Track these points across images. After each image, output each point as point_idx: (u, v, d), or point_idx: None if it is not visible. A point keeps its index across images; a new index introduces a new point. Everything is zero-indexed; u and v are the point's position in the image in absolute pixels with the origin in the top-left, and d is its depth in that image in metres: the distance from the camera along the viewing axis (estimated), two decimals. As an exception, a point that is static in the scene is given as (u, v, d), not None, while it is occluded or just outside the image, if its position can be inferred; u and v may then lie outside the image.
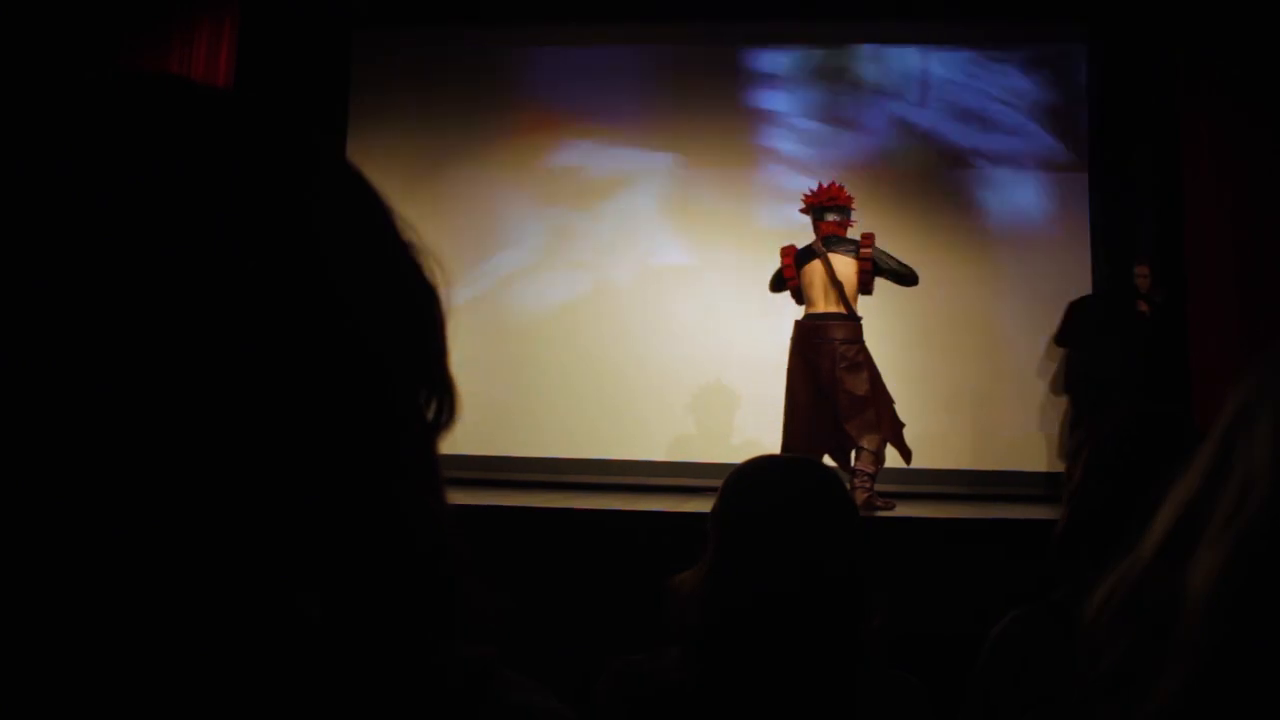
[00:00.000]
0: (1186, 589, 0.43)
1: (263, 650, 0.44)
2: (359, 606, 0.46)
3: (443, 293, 0.52)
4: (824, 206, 5.27)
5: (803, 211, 5.39)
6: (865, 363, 5.08)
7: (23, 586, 0.40)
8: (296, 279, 0.45)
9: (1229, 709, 0.41)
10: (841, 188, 5.34)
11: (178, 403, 0.41)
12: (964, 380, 6.68)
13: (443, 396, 0.52)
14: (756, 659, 1.42)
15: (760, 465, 1.59)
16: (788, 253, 5.32)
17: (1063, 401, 6.42)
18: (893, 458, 5.32)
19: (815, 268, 5.19)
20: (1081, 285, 6.49)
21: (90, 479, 0.40)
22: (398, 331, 0.49)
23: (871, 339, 5.25)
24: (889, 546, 4.01)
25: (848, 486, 4.50)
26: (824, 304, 5.15)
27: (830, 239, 5.21)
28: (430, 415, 0.51)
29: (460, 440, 0.59)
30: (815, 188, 5.38)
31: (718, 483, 1.58)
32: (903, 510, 4.81)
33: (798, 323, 5.26)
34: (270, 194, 0.46)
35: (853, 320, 5.14)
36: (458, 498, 0.52)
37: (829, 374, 5.02)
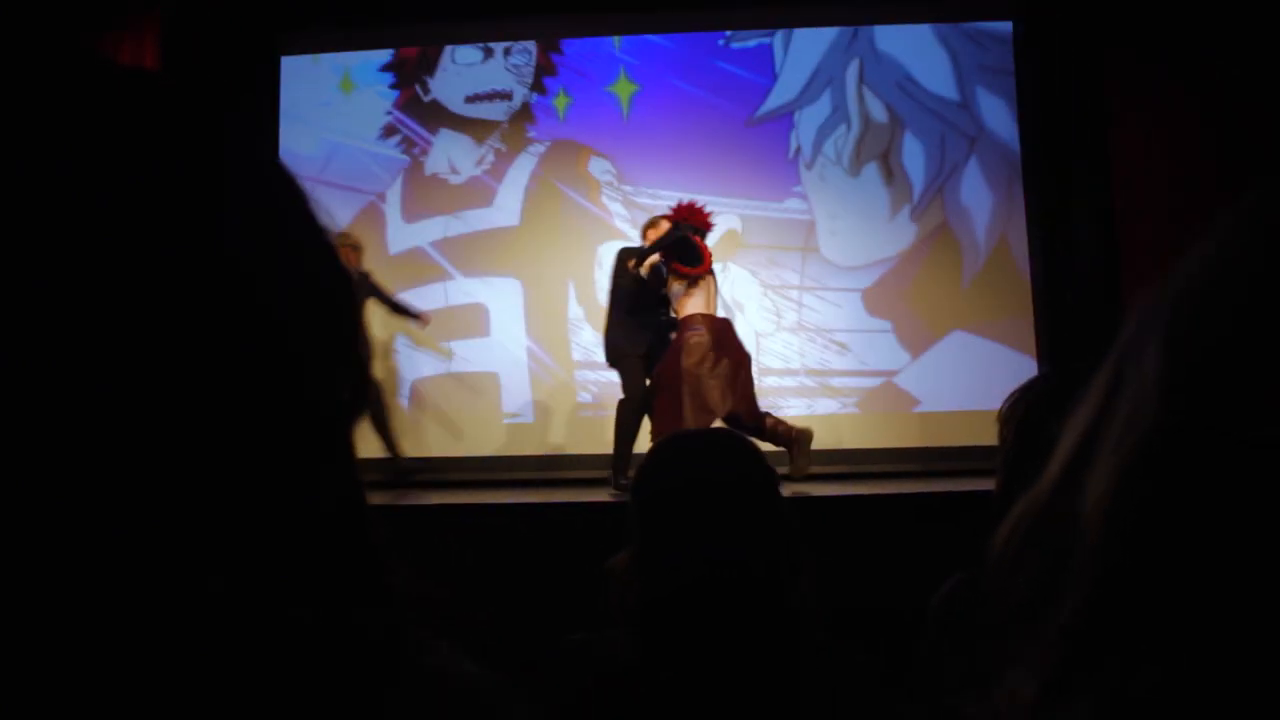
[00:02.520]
0: (1083, 507, 0.43)
1: (165, 627, 0.43)
2: (265, 581, 0.46)
3: (356, 278, 0.47)
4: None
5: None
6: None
7: None
8: (207, 262, 0.44)
9: (1127, 625, 0.40)
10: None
11: (82, 390, 0.41)
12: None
13: (357, 380, 0.52)
14: (691, 635, 1.36)
15: (675, 440, 1.54)
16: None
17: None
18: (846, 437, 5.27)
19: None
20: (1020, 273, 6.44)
21: None
22: (311, 316, 0.49)
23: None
24: (835, 525, 3.95)
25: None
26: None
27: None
28: (345, 398, 0.51)
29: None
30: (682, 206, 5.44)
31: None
32: (852, 488, 4.77)
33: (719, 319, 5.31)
34: (182, 174, 0.45)
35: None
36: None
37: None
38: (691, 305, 5.19)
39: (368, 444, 5.59)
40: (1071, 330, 5.89)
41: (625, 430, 5.28)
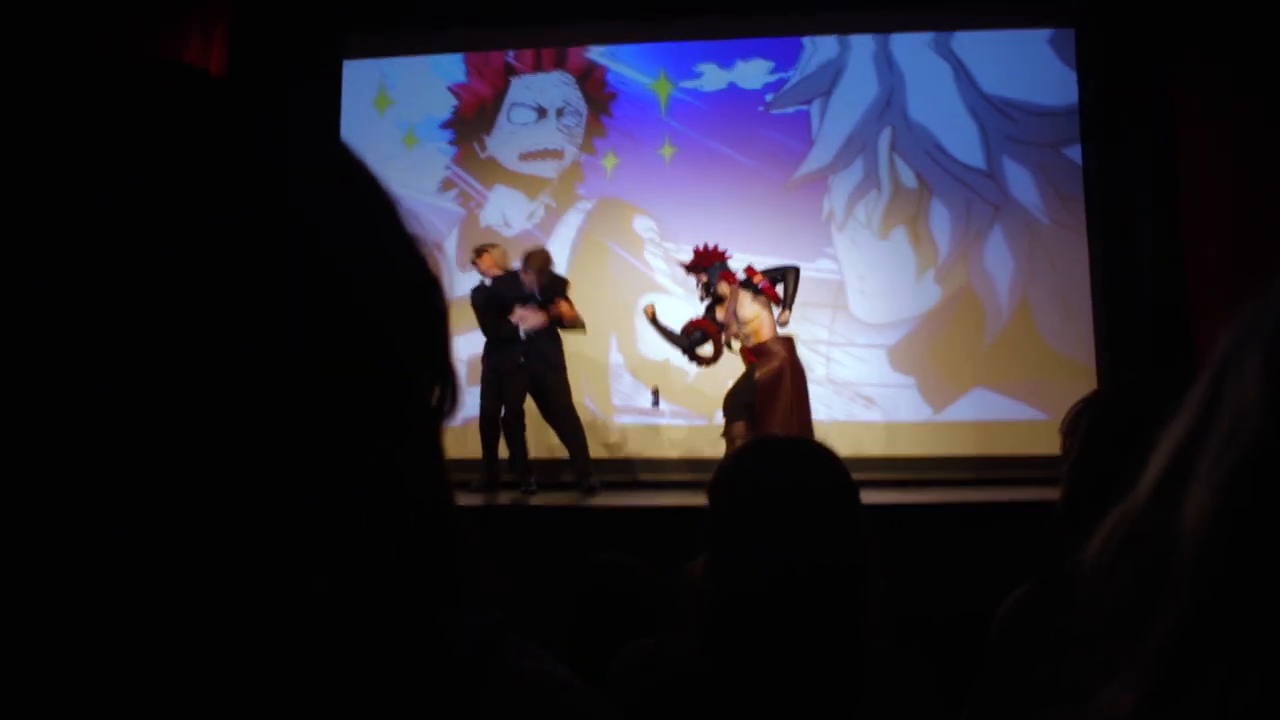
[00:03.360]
0: (1180, 526, 0.41)
1: (272, 629, 0.42)
2: (364, 582, 0.45)
3: (444, 283, 0.52)
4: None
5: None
6: None
7: (24, 570, 0.38)
8: (301, 271, 0.43)
9: (1223, 642, 0.39)
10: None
11: (182, 394, 0.40)
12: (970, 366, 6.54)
13: (445, 384, 0.51)
14: (761, 642, 1.33)
15: (755, 446, 1.49)
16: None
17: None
18: (882, 445, 5.24)
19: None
20: (1080, 270, 6.34)
21: (105, 470, 0.39)
22: (401, 321, 0.48)
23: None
24: (898, 533, 3.88)
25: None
26: None
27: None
28: (434, 402, 0.50)
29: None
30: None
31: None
32: (914, 496, 4.71)
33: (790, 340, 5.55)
34: (273, 184, 0.44)
35: None
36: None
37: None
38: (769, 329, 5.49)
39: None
40: (1135, 348, 5.74)
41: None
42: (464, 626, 0.49)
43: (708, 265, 5.56)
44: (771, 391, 5.27)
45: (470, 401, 5.74)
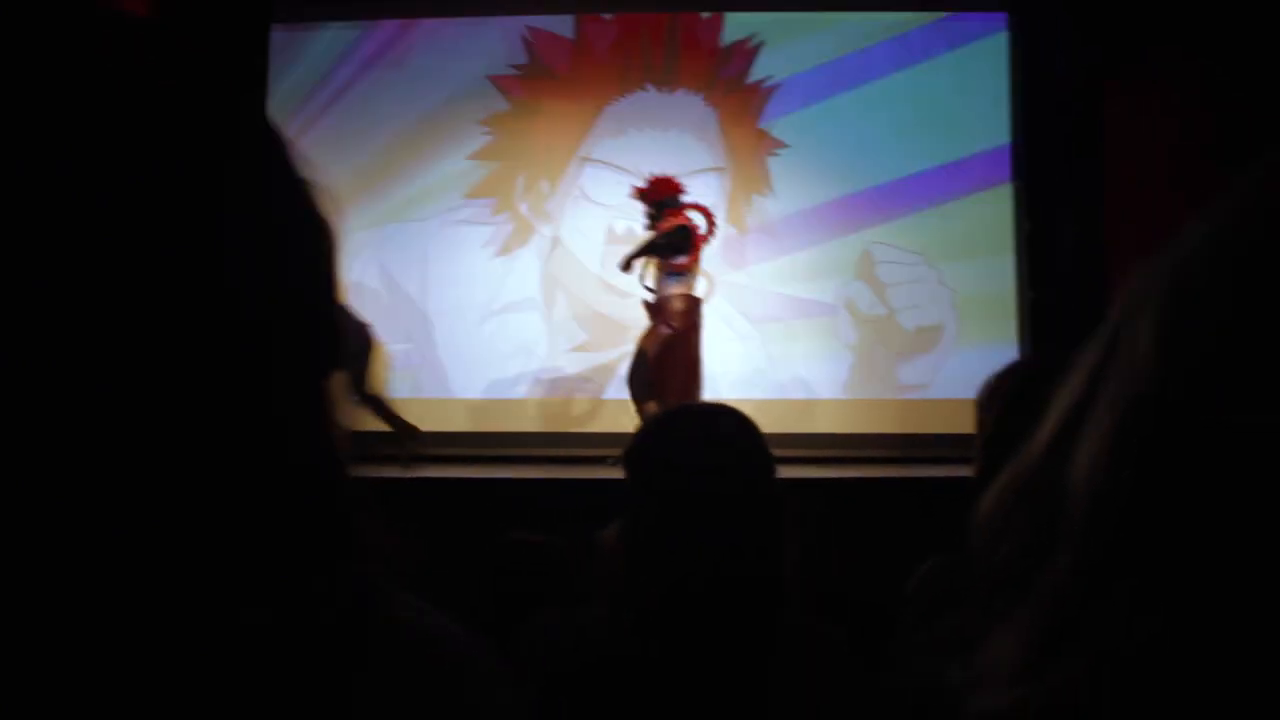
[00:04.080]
0: (1071, 476, 0.41)
1: (145, 580, 0.42)
2: (241, 534, 0.44)
3: (336, 228, 0.50)
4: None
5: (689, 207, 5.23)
6: None
7: None
8: (183, 212, 0.42)
9: (1113, 588, 0.39)
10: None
11: (64, 339, 0.39)
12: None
13: (333, 333, 0.50)
14: (673, 611, 1.31)
15: (672, 415, 1.48)
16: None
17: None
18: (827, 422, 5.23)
19: None
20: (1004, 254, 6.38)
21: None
22: (288, 266, 0.47)
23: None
24: (816, 509, 3.89)
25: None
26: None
27: None
28: (321, 349, 0.49)
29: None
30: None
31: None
32: (832, 472, 4.74)
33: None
34: (159, 117, 0.43)
35: None
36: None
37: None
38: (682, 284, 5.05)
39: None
40: (1054, 320, 5.79)
41: None
42: (345, 579, 0.48)
43: (658, 199, 5.12)
44: (671, 352, 4.88)
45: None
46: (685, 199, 5.18)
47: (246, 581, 0.44)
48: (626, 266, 5.06)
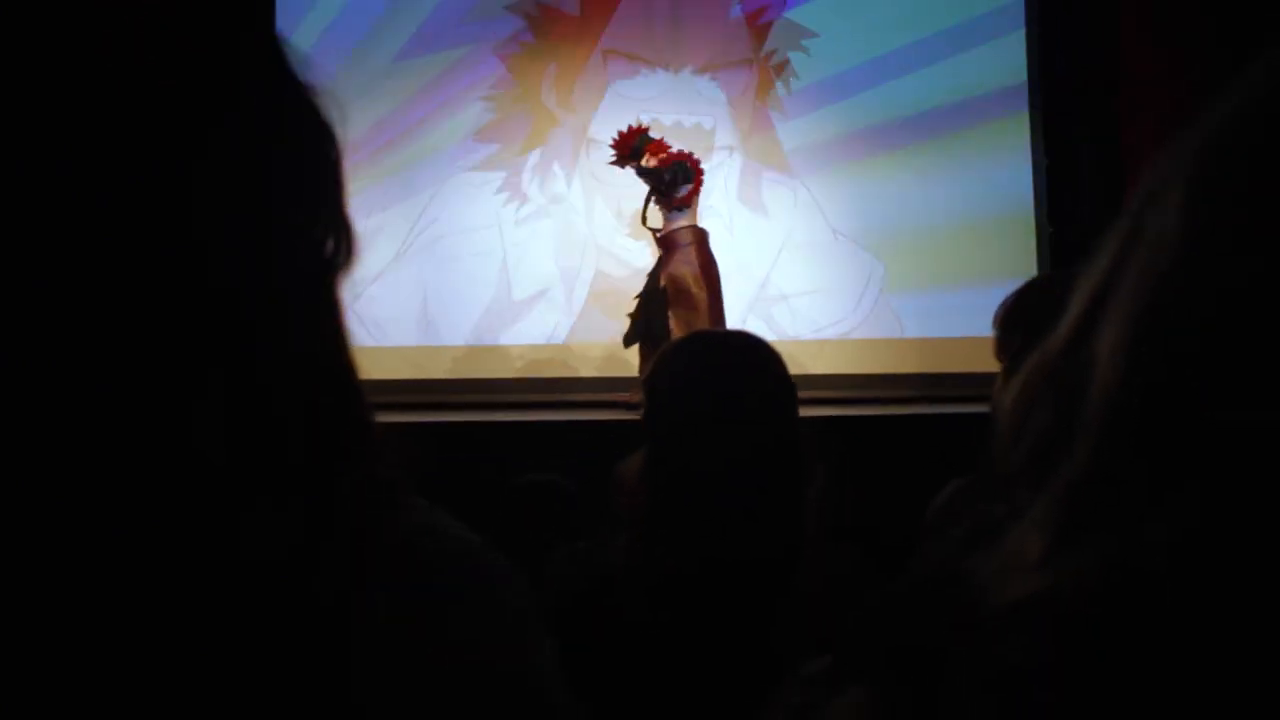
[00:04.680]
0: (1095, 356, 0.40)
1: (159, 479, 0.43)
2: (254, 434, 0.45)
3: (339, 133, 0.50)
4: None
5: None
6: None
7: None
8: (186, 110, 0.43)
9: (1138, 473, 0.38)
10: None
11: (81, 244, 0.40)
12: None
13: (339, 236, 0.50)
14: (697, 537, 1.32)
15: (691, 340, 1.46)
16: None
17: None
18: (845, 361, 5.22)
19: None
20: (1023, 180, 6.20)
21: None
22: (286, 173, 0.47)
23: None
24: (840, 447, 3.89)
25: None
26: None
27: None
28: (328, 254, 0.49)
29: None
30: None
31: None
32: (855, 410, 4.71)
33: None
34: (161, 24, 0.43)
35: None
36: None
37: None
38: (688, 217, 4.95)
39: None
40: (1074, 254, 5.72)
41: None
42: (358, 480, 0.49)
43: (631, 146, 4.84)
44: (686, 292, 4.64)
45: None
46: (655, 136, 5.07)
47: (267, 482, 0.45)
48: (645, 219, 4.99)
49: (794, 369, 1.44)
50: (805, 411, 1.41)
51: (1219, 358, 0.36)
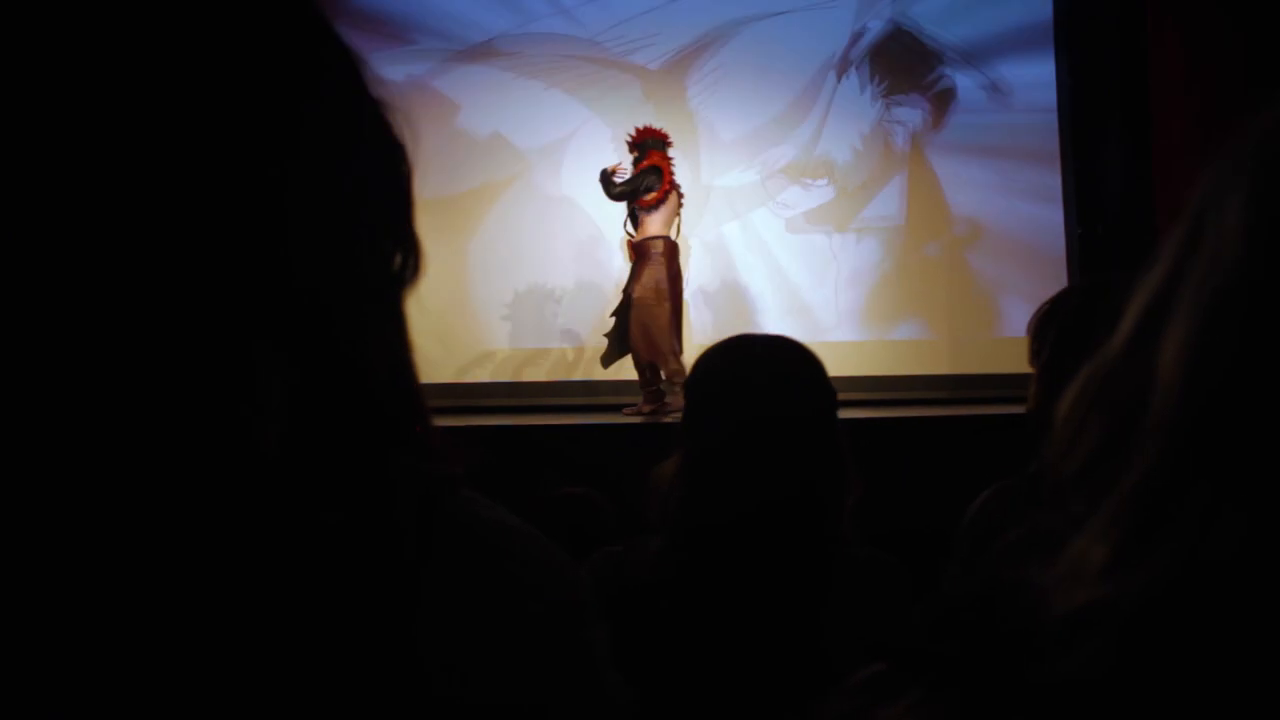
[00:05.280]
0: (1158, 366, 0.39)
1: (228, 472, 0.44)
2: (319, 432, 0.46)
3: (409, 149, 0.51)
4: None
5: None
6: None
7: None
8: (265, 127, 0.44)
9: (1205, 480, 0.37)
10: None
11: (149, 237, 0.41)
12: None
13: (408, 250, 0.51)
14: (733, 543, 1.30)
15: (733, 344, 1.44)
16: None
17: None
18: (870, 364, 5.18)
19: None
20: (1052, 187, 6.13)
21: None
22: (364, 185, 0.48)
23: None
24: (874, 448, 3.86)
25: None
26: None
27: None
28: (395, 268, 0.50)
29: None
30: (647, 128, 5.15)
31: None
32: (887, 412, 4.67)
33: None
34: (240, 48, 0.45)
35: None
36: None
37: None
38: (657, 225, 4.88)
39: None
40: (1104, 254, 5.63)
41: None
42: (419, 475, 0.50)
43: (641, 141, 5.04)
44: (648, 304, 4.71)
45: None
46: (668, 149, 5.08)
47: (321, 474, 0.46)
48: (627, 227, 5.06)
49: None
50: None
51: None
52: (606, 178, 5.01)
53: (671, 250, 4.89)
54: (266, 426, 0.45)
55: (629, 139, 5.20)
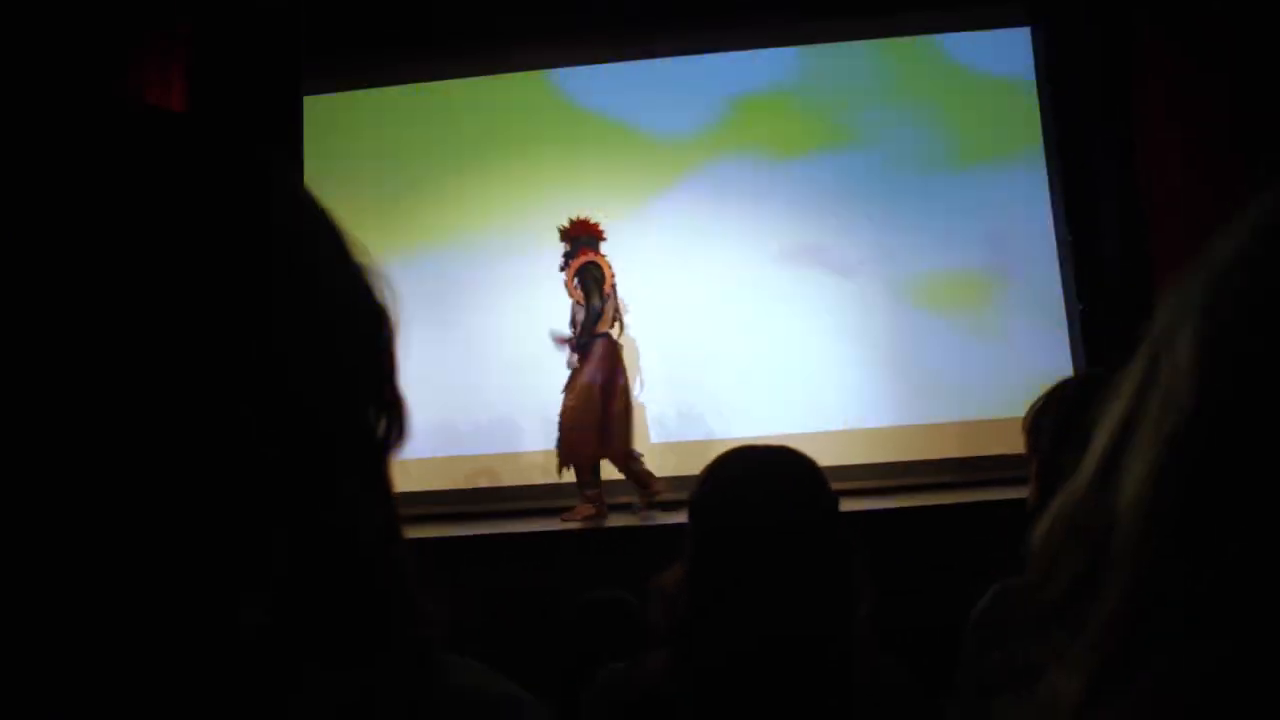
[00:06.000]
0: (1119, 498, 0.40)
1: (204, 650, 0.43)
2: (303, 608, 0.45)
3: (393, 313, 0.51)
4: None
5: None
6: None
7: None
8: (248, 300, 0.44)
9: (1171, 613, 0.38)
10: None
11: (133, 421, 0.41)
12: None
13: (392, 414, 0.51)
14: (744, 656, 1.27)
15: (738, 455, 1.43)
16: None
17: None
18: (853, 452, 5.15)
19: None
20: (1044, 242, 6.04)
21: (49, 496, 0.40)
22: (347, 352, 0.48)
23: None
24: (878, 539, 3.81)
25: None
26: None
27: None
28: (380, 432, 0.50)
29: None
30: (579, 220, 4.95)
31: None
32: (892, 502, 4.60)
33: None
34: (223, 218, 0.45)
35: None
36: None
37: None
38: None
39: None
40: (1105, 331, 5.57)
41: None
42: (406, 643, 0.49)
43: (575, 236, 4.87)
44: (594, 406, 4.55)
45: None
46: (599, 244, 4.89)
47: (312, 651, 0.45)
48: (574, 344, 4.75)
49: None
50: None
51: (1242, 496, 0.36)
52: (565, 341, 4.78)
53: (613, 350, 4.75)
54: (256, 602, 0.44)
55: (561, 229, 4.93)
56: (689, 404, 5.72)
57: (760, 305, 5.80)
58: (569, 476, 4.58)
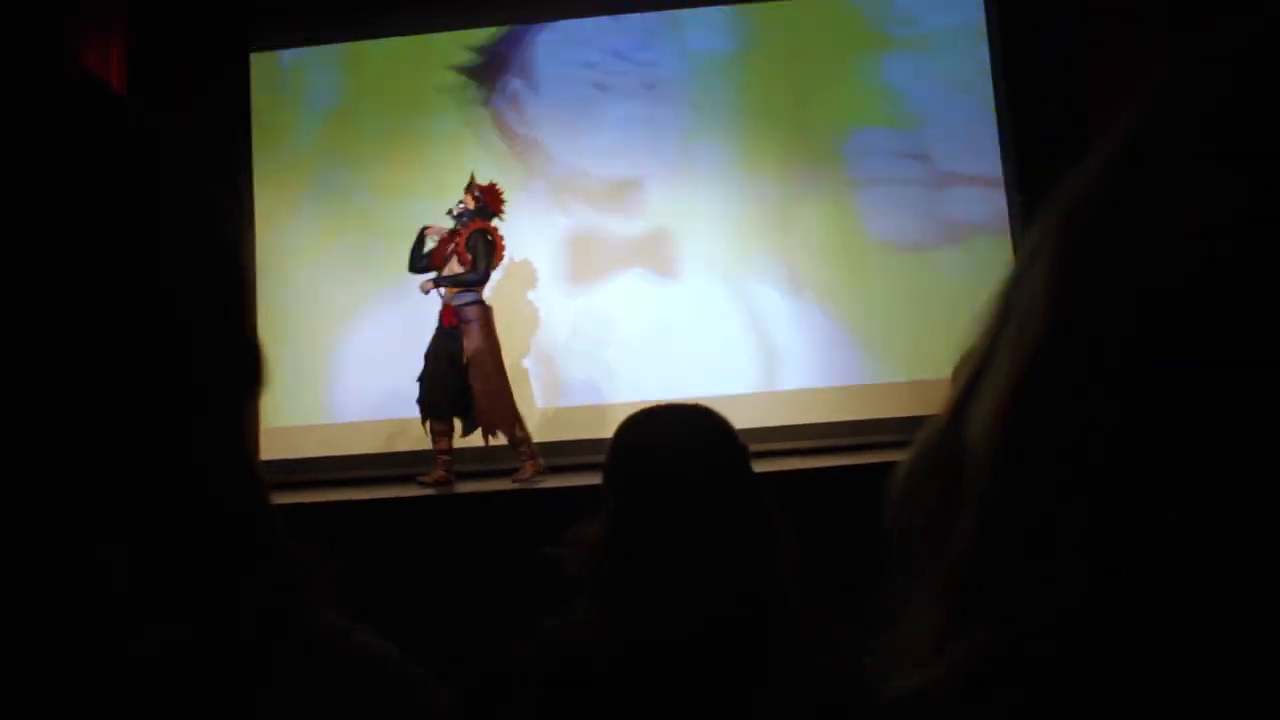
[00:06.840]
0: (969, 432, 0.40)
1: (62, 595, 0.43)
2: (160, 553, 0.45)
3: (243, 255, 0.50)
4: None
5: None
6: None
7: None
8: (96, 245, 0.43)
9: (1018, 540, 0.38)
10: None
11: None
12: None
13: (246, 359, 0.50)
14: (665, 604, 1.31)
15: (653, 411, 1.47)
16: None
17: None
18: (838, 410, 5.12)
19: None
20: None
21: None
22: (197, 294, 0.47)
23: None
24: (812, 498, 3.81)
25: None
26: None
27: None
28: (234, 377, 0.50)
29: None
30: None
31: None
32: (822, 461, 4.56)
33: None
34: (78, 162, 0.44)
35: None
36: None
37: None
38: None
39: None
40: None
41: None
42: (265, 593, 0.49)
43: (483, 203, 4.70)
44: (486, 370, 4.45)
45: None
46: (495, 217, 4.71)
47: (166, 596, 0.45)
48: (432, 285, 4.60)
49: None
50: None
51: (1087, 430, 0.36)
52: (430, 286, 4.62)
53: (488, 315, 4.57)
54: (107, 548, 0.43)
55: (472, 194, 4.70)
56: (572, 369, 5.53)
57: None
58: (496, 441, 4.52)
